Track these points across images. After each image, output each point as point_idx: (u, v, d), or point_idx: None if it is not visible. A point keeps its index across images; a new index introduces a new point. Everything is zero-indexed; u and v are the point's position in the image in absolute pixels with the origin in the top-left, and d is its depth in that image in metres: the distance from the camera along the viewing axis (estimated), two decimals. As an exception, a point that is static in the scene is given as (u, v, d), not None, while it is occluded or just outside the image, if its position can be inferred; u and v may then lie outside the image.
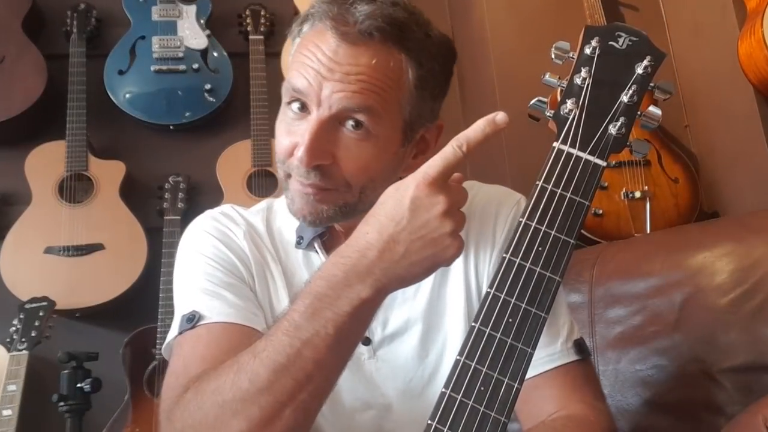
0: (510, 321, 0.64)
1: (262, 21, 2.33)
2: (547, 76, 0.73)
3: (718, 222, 1.72)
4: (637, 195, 1.90)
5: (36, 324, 1.78)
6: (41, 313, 1.80)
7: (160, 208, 2.09)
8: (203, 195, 2.21)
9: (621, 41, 0.71)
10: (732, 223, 1.38)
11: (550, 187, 0.67)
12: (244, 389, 0.66)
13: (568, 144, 0.69)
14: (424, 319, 0.90)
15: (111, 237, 2.02)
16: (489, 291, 0.65)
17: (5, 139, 2.14)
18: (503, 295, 0.65)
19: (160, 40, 2.21)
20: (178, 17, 2.25)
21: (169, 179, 2.13)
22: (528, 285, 0.65)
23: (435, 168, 0.66)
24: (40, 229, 1.99)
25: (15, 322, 1.80)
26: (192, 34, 2.25)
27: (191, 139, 2.27)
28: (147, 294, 1.97)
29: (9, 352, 1.75)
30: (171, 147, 2.27)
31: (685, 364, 1.18)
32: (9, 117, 2.05)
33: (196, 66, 2.21)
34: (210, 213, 0.95)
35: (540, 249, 0.66)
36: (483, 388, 0.62)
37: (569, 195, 0.67)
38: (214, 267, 0.88)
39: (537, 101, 0.74)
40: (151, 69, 2.19)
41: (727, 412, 1.11)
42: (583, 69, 0.70)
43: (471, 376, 0.63)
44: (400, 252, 0.66)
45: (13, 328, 1.79)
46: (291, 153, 0.82)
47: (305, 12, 0.85)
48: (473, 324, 0.64)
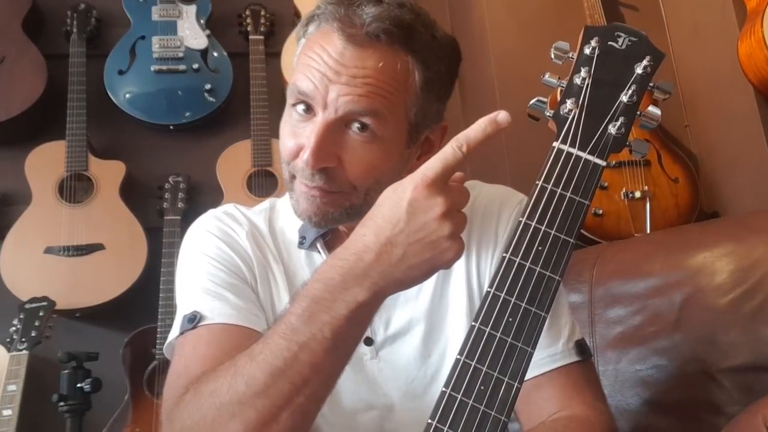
0: (510, 320, 0.64)
1: (262, 21, 2.33)
2: (547, 76, 0.73)
3: (718, 222, 1.72)
4: (637, 195, 1.90)
5: (36, 324, 1.78)
6: (41, 313, 1.80)
7: (160, 208, 2.10)
8: (203, 195, 2.21)
9: (620, 41, 0.71)
10: (732, 223, 1.38)
11: (549, 187, 0.67)
12: (240, 392, 0.66)
13: (567, 143, 0.69)
14: (426, 320, 0.90)
15: (111, 237, 2.02)
16: (489, 290, 0.65)
17: (5, 139, 2.14)
18: (503, 295, 0.65)
19: (160, 40, 2.21)
20: (178, 17, 2.25)
21: (169, 179, 2.13)
22: (528, 284, 0.65)
23: (433, 169, 0.66)
24: (40, 229, 1.99)
25: (15, 322, 1.80)
26: (192, 34, 2.25)
27: (191, 139, 2.28)
28: (147, 294, 1.97)
29: (9, 352, 1.75)
30: (171, 147, 2.27)
31: (685, 364, 1.18)
32: (9, 117, 2.05)
33: (196, 66, 2.22)
34: (213, 212, 0.95)
35: (540, 248, 0.66)
36: (483, 387, 0.62)
37: (569, 194, 0.67)
38: (216, 267, 0.88)
39: (537, 101, 0.74)
40: (151, 69, 2.19)
41: (727, 412, 1.11)
42: (583, 69, 0.70)
43: (471, 375, 0.63)
44: (397, 255, 0.66)
45: (13, 328, 1.79)
46: (296, 154, 0.81)
47: (311, 12, 0.85)
48: (473, 323, 0.64)
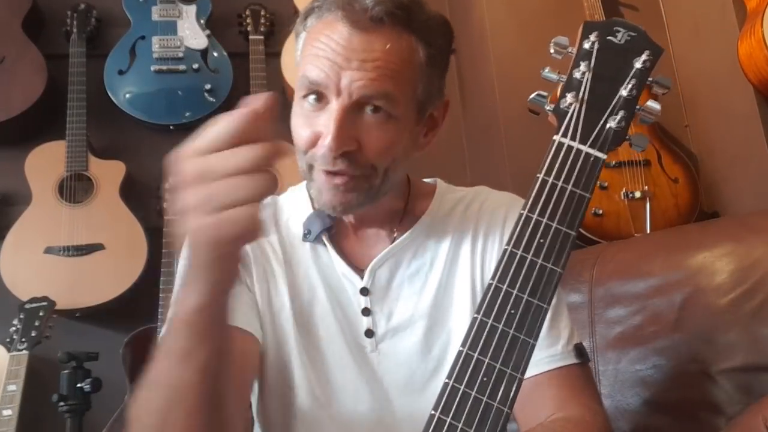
0: (512, 312, 0.64)
1: (262, 21, 2.33)
2: (547, 70, 0.74)
3: (718, 222, 1.72)
4: (637, 195, 1.90)
5: (36, 324, 1.78)
6: (41, 313, 1.80)
7: (160, 208, 2.09)
8: (203, 195, 2.20)
9: (619, 36, 0.71)
10: (732, 223, 1.38)
11: (551, 180, 0.68)
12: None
13: (568, 137, 0.69)
14: (429, 315, 0.91)
15: (111, 237, 2.02)
16: (491, 282, 0.66)
17: (5, 139, 2.14)
18: (505, 287, 0.65)
19: (160, 40, 2.21)
20: (178, 17, 2.25)
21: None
22: (530, 277, 0.65)
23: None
24: (40, 229, 1.99)
25: (15, 322, 1.80)
26: (192, 34, 2.25)
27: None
28: (147, 294, 1.96)
29: (9, 352, 1.75)
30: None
31: (685, 364, 1.19)
32: (9, 117, 2.05)
33: (196, 66, 2.21)
34: None
35: (541, 241, 0.66)
36: (486, 378, 0.63)
37: (570, 187, 0.68)
38: None
39: (537, 95, 0.74)
40: (151, 69, 2.19)
41: (727, 412, 1.11)
42: (582, 63, 0.71)
43: (474, 367, 0.63)
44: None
45: (13, 328, 1.79)
46: (313, 143, 0.82)
47: (309, 5, 0.86)
48: (475, 315, 0.65)
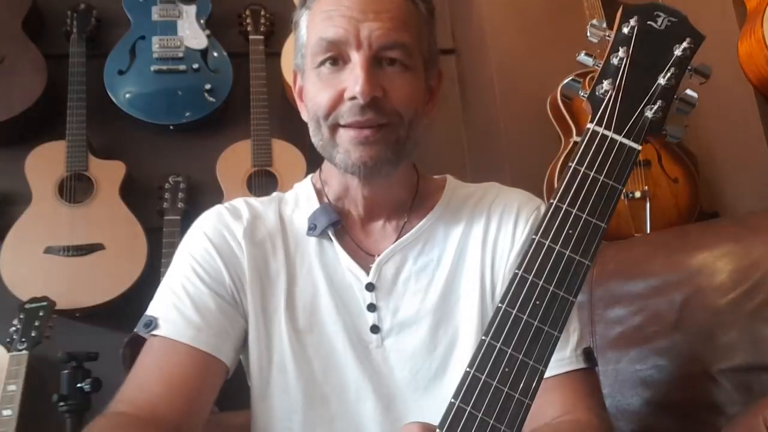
0: (537, 303, 0.63)
1: (262, 21, 2.33)
2: (583, 54, 0.71)
3: (717, 222, 1.72)
4: (637, 195, 1.91)
5: (36, 324, 1.78)
6: (41, 313, 1.80)
7: (160, 208, 2.10)
8: (203, 195, 2.21)
9: (660, 21, 0.69)
10: (732, 224, 1.38)
11: (583, 170, 0.66)
12: None
13: (603, 126, 0.67)
14: (435, 312, 0.90)
15: (111, 237, 2.02)
16: (517, 272, 0.64)
17: (5, 139, 2.14)
18: (531, 277, 0.63)
19: (160, 40, 2.22)
20: (178, 17, 2.26)
21: (169, 179, 2.14)
22: (557, 268, 0.63)
23: None
24: (40, 229, 2.00)
25: (15, 322, 1.80)
26: (192, 34, 2.25)
27: (191, 139, 2.28)
28: (147, 294, 1.93)
29: (9, 352, 1.75)
30: (171, 147, 2.27)
31: (685, 364, 1.19)
32: (9, 117, 2.05)
33: (196, 66, 2.22)
34: (217, 208, 0.96)
35: (570, 232, 0.64)
36: (507, 369, 0.61)
37: (602, 178, 0.66)
38: (195, 272, 0.89)
39: (572, 80, 0.72)
40: (151, 69, 2.19)
41: (727, 412, 1.11)
42: (621, 49, 0.68)
43: (496, 356, 0.62)
44: None
45: (13, 328, 1.79)
46: (337, 102, 0.84)
47: None
48: (499, 305, 0.63)
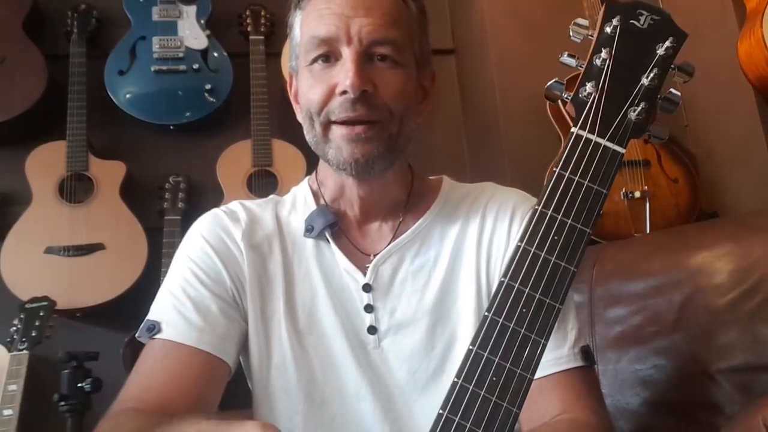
0: (523, 311, 0.62)
1: (262, 21, 2.33)
2: (565, 55, 0.71)
3: (717, 222, 1.72)
4: (637, 195, 1.91)
5: (36, 324, 1.78)
6: (42, 313, 1.80)
7: (160, 208, 2.10)
8: (203, 195, 2.21)
9: (642, 20, 0.68)
10: (731, 224, 1.39)
11: (567, 174, 0.65)
12: None
13: (587, 129, 0.66)
14: (432, 313, 0.91)
15: (111, 237, 2.03)
16: (503, 280, 0.63)
17: (6, 139, 2.14)
18: (517, 285, 0.63)
19: (160, 40, 2.22)
20: (178, 17, 2.26)
21: (170, 179, 2.14)
22: (542, 275, 0.63)
23: None
24: (40, 229, 2.00)
25: (15, 321, 1.80)
26: (192, 34, 2.25)
27: (191, 139, 2.28)
28: (147, 294, 1.94)
29: (9, 351, 1.75)
30: (171, 147, 2.28)
31: (685, 363, 1.19)
32: (9, 117, 2.05)
33: (196, 66, 2.22)
34: (214, 211, 0.97)
35: (555, 238, 0.64)
36: (495, 378, 0.61)
37: (587, 183, 0.65)
38: (195, 275, 0.89)
39: (555, 82, 0.71)
40: (152, 69, 2.19)
41: (726, 411, 1.11)
42: (604, 50, 0.68)
43: (483, 366, 0.61)
44: None
45: (14, 327, 1.79)
46: (329, 96, 0.85)
47: None
48: (486, 314, 0.63)
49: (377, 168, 0.87)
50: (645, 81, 0.67)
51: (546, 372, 0.85)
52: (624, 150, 0.66)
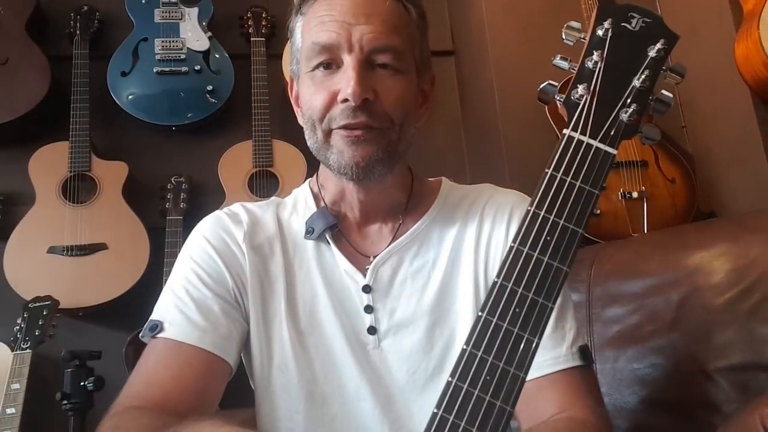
0: (517, 311, 0.62)
1: (263, 23, 2.35)
2: (558, 58, 0.71)
3: (714, 222, 1.72)
4: (635, 195, 1.92)
5: (39, 323, 1.79)
6: (45, 312, 1.81)
7: (162, 208, 2.11)
8: (205, 195, 2.22)
9: (634, 23, 0.68)
10: (728, 224, 1.39)
11: (559, 176, 0.66)
12: None
13: (578, 131, 0.67)
14: (431, 313, 0.91)
15: (114, 237, 2.04)
16: (496, 280, 0.64)
17: (9, 140, 2.15)
18: (510, 285, 0.63)
19: (162, 41, 2.23)
20: (180, 19, 2.27)
21: (172, 179, 2.15)
22: (535, 275, 0.63)
23: None
24: (43, 229, 2.01)
25: (19, 321, 1.81)
26: (194, 35, 2.26)
27: (193, 140, 2.29)
28: (149, 293, 1.97)
29: (13, 350, 1.76)
30: (173, 148, 2.29)
31: (682, 362, 1.19)
32: (13, 118, 2.06)
33: (198, 67, 2.23)
34: (217, 213, 0.97)
35: (548, 238, 0.64)
36: (489, 377, 0.61)
37: (579, 183, 0.65)
38: (197, 275, 0.90)
39: (548, 84, 0.71)
40: (154, 70, 2.20)
41: (724, 410, 1.12)
42: (595, 52, 0.68)
43: (477, 365, 0.62)
44: None
45: (17, 327, 1.80)
46: (331, 103, 0.85)
47: None
48: (479, 313, 0.63)
49: (377, 172, 0.88)
50: (636, 83, 0.67)
51: (544, 371, 0.85)
52: (615, 151, 0.66)
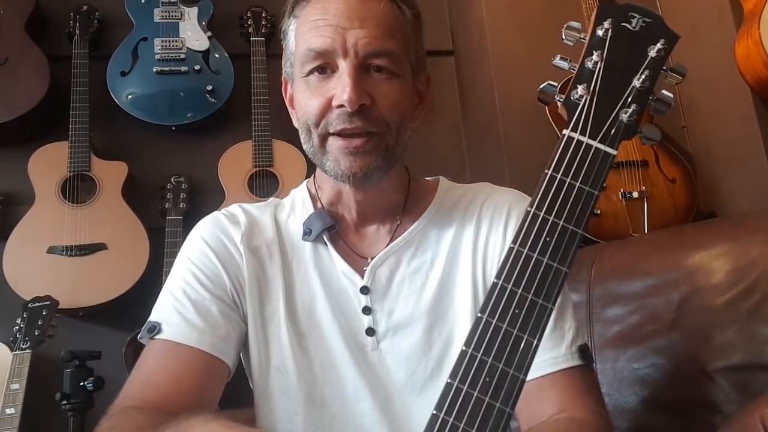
0: (516, 312, 0.62)
1: (263, 23, 2.35)
2: (558, 58, 0.71)
3: (714, 222, 1.72)
4: (635, 195, 1.92)
5: (39, 323, 1.79)
6: (44, 312, 1.81)
7: (162, 208, 2.11)
8: (205, 195, 2.22)
9: (634, 22, 0.68)
10: (728, 224, 1.39)
11: (558, 176, 0.66)
12: None
13: (578, 132, 0.67)
14: (429, 314, 0.91)
15: (113, 237, 2.04)
16: (496, 282, 0.64)
17: (9, 140, 2.15)
18: (510, 286, 0.63)
19: (162, 41, 2.23)
20: (180, 19, 2.27)
21: (171, 179, 2.15)
22: (535, 276, 0.63)
23: None
24: (43, 229, 2.01)
25: (18, 321, 1.81)
26: (194, 35, 2.26)
27: (193, 140, 2.29)
28: (149, 293, 1.97)
29: (12, 351, 1.76)
30: (173, 147, 2.29)
31: (682, 362, 1.19)
32: (12, 118, 2.06)
33: (197, 67, 2.23)
34: (215, 214, 0.98)
35: (547, 239, 0.64)
36: (488, 379, 0.61)
37: (578, 184, 0.65)
38: (195, 277, 0.90)
39: (548, 85, 0.71)
40: (153, 70, 2.20)
41: (724, 410, 1.12)
42: (595, 52, 0.68)
43: (476, 367, 0.61)
44: None
45: (17, 327, 1.80)
46: (326, 108, 0.85)
47: None
48: (479, 315, 0.63)
49: (374, 178, 0.88)
50: (636, 83, 0.67)
51: (544, 371, 0.85)
52: (615, 152, 0.66)
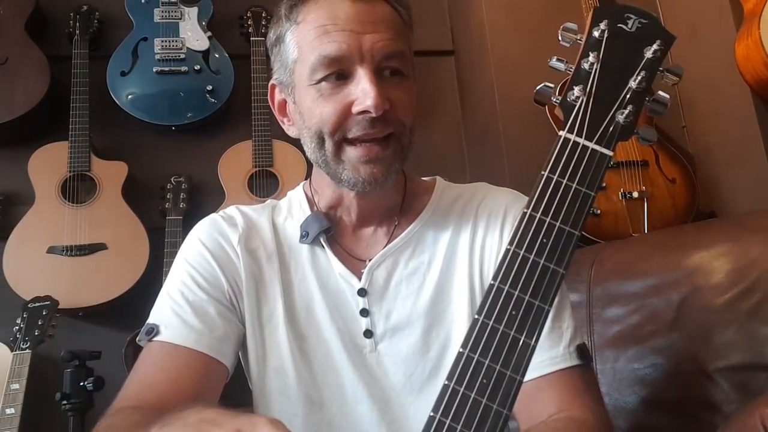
0: (513, 314, 0.62)
1: (263, 23, 2.34)
2: (554, 60, 0.71)
3: (714, 222, 1.73)
4: (635, 195, 1.92)
5: (39, 323, 1.79)
6: (44, 312, 1.81)
7: (162, 208, 2.11)
8: (205, 195, 2.22)
9: (630, 23, 0.68)
10: (728, 224, 1.39)
11: (555, 178, 0.66)
12: None
13: (574, 133, 0.67)
14: (426, 315, 0.91)
15: (113, 237, 2.03)
16: (492, 283, 0.64)
17: (8, 140, 2.15)
18: (506, 288, 0.63)
19: (162, 41, 2.23)
20: (180, 19, 2.27)
21: (171, 179, 2.15)
22: (532, 277, 0.63)
23: None
24: (43, 229, 2.01)
25: (18, 321, 1.81)
26: (194, 35, 2.26)
27: (193, 140, 2.29)
28: (149, 293, 1.95)
29: (12, 351, 1.76)
30: (173, 147, 2.28)
31: (682, 362, 1.19)
32: (12, 118, 2.06)
33: (197, 67, 2.23)
34: (212, 217, 0.98)
35: (544, 241, 0.64)
36: (485, 380, 0.61)
37: (575, 185, 0.65)
38: (193, 279, 0.90)
39: (544, 86, 0.71)
40: (153, 70, 2.20)
41: (724, 410, 1.12)
42: (591, 54, 0.68)
43: (474, 368, 0.61)
44: None
45: (17, 327, 1.80)
46: (344, 116, 0.84)
47: (286, 2, 0.89)
48: (476, 316, 0.63)
49: (389, 182, 0.88)
50: (633, 84, 0.67)
51: (542, 371, 0.85)
52: (612, 153, 0.66)
